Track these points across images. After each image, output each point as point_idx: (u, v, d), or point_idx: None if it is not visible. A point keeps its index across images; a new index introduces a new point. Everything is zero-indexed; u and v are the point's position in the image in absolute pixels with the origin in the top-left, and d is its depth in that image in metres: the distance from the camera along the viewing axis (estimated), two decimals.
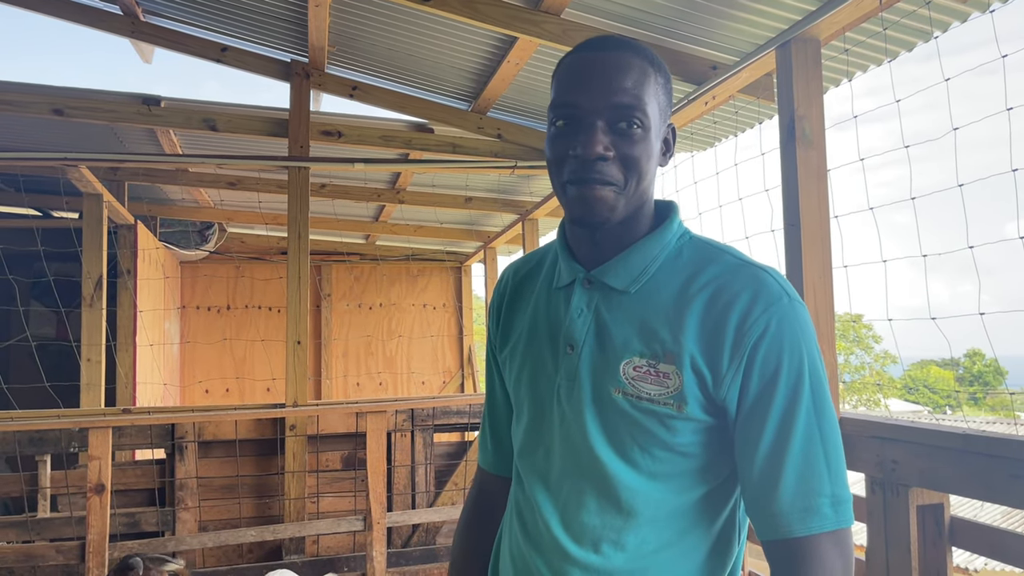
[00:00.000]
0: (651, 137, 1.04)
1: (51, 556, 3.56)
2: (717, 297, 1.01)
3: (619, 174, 1.02)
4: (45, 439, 3.72)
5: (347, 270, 8.10)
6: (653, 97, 1.04)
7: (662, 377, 1.01)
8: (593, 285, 1.09)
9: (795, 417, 0.98)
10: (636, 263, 1.07)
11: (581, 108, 1.02)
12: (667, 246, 1.08)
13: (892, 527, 2.29)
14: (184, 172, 5.51)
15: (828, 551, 0.97)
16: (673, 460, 1.03)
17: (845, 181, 2.77)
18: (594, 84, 1.01)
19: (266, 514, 3.98)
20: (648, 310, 1.04)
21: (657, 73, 1.06)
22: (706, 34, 3.09)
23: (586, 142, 1.01)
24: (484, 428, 1.32)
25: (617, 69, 1.02)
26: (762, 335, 0.98)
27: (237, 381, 7.44)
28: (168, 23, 4.25)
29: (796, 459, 0.98)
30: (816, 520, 0.97)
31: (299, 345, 4.03)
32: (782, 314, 0.99)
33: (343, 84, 4.38)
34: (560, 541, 1.06)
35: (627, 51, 1.04)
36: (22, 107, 4.09)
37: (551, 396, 1.09)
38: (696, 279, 1.04)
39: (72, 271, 5.09)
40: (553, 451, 1.09)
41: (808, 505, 0.98)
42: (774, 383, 0.99)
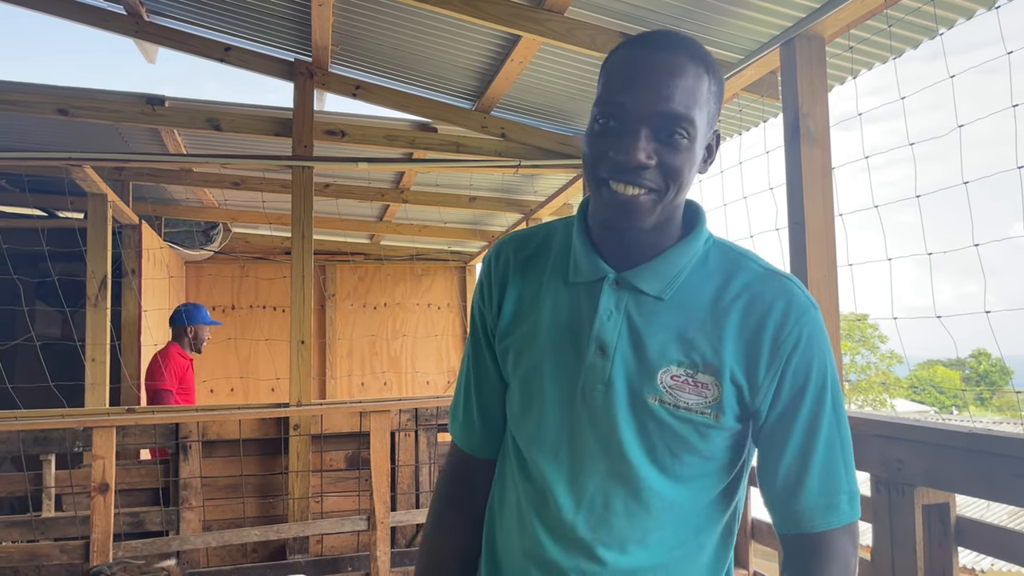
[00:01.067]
0: (696, 147, 1.02)
1: (55, 555, 3.56)
2: (752, 308, 1.04)
3: (660, 180, 1.00)
4: (50, 439, 3.73)
5: (351, 270, 8.10)
6: (704, 105, 1.01)
7: (700, 387, 1.03)
8: (622, 287, 1.07)
9: (820, 422, 1.04)
10: (668, 269, 1.07)
11: (627, 111, 0.99)
12: (696, 252, 1.09)
13: (897, 527, 2.28)
14: (188, 172, 5.52)
15: (844, 543, 1.05)
16: (700, 464, 1.06)
17: (850, 181, 2.77)
18: (644, 87, 0.98)
19: (270, 514, 3.98)
20: (683, 318, 1.05)
21: (712, 80, 1.03)
22: (710, 32, 3.08)
23: (628, 148, 0.98)
24: (468, 407, 1.24)
25: (669, 74, 0.98)
26: (795, 346, 1.03)
27: (241, 381, 7.45)
28: (172, 23, 4.26)
29: (820, 461, 1.04)
30: (836, 516, 1.05)
31: (303, 345, 4.03)
32: (811, 325, 1.04)
33: (347, 83, 4.37)
34: (586, 540, 1.06)
35: (683, 54, 1.00)
36: (26, 107, 4.10)
37: (574, 395, 1.07)
38: (728, 288, 1.06)
39: (77, 271, 5.09)
40: (579, 451, 1.07)
41: (830, 503, 1.05)
42: (803, 391, 1.04)
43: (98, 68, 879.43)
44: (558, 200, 5.26)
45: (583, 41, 3.20)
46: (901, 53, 2.82)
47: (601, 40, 3.19)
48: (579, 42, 3.21)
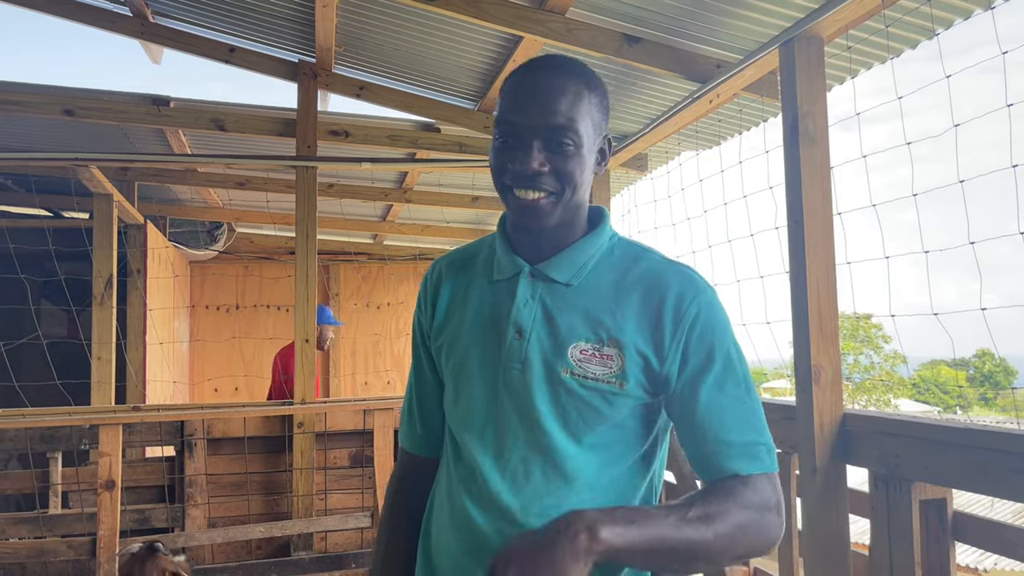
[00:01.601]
0: (583, 152, 1.16)
1: (62, 551, 3.60)
2: (653, 289, 1.17)
3: (556, 183, 1.15)
4: (56, 436, 3.77)
5: (355, 270, 8.14)
6: (587, 115, 1.16)
7: (606, 359, 1.15)
8: (537, 278, 1.21)
9: (727, 383, 1.15)
10: (576, 260, 1.21)
11: (519, 128, 1.14)
12: (602, 246, 1.23)
13: (895, 522, 2.30)
14: (193, 172, 5.56)
15: (765, 485, 1.13)
16: (610, 432, 1.17)
17: (852, 183, 2.79)
18: (531, 106, 1.13)
19: (274, 511, 4.02)
20: (590, 301, 1.18)
21: (591, 93, 1.17)
22: (710, 32, 3.10)
23: (524, 159, 1.13)
24: (411, 413, 1.39)
25: (553, 92, 1.13)
26: (696, 317, 1.15)
27: (246, 379, 7.48)
28: (177, 24, 4.29)
29: (734, 417, 1.14)
30: (758, 463, 1.13)
31: (307, 343, 4.06)
32: (708, 301, 1.17)
33: (350, 84, 4.40)
34: (510, 508, 1.15)
35: (563, 74, 1.15)
36: (33, 107, 4.14)
37: (498, 377, 1.19)
38: (629, 274, 1.20)
39: (83, 271, 5.13)
40: (503, 427, 1.18)
41: (749, 453, 1.13)
42: (710, 357, 1.15)
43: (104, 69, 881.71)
44: None
45: (584, 42, 3.23)
46: (899, 53, 2.84)
47: (602, 40, 3.22)
48: (580, 43, 3.23)
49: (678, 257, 3.67)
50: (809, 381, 2.48)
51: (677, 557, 1.05)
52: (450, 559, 1.21)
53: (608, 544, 0.99)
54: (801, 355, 2.52)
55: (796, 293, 2.56)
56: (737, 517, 1.08)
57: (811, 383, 2.48)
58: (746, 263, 3.16)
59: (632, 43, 3.24)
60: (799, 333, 2.53)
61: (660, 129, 3.60)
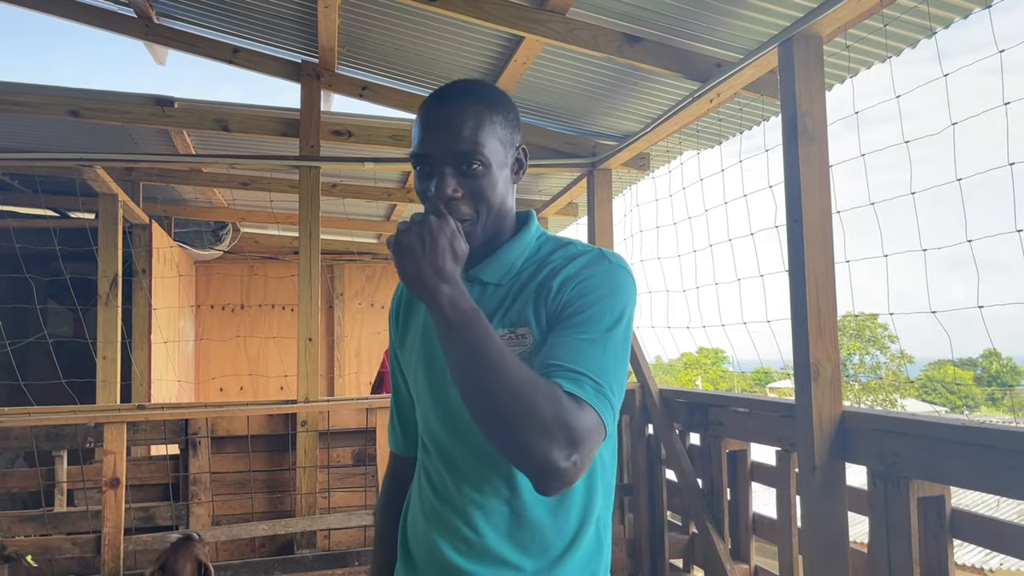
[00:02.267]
0: (493, 170, 1.26)
1: (67, 549, 3.63)
2: (552, 272, 1.27)
3: (470, 209, 1.25)
4: (62, 435, 3.79)
5: (359, 269, 8.16)
6: (491, 136, 1.26)
7: (520, 339, 1.24)
8: (472, 283, 1.32)
9: (579, 331, 1.17)
10: (504, 261, 1.32)
11: (431, 158, 1.25)
12: (528, 245, 1.34)
13: (893, 519, 2.31)
14: (198, 172, 5.59)
15: (579, 411, 1.08)
16: None
17: (854, 186, 2.78)
18: (438, 136, 1.24)
19: (278, 509, 4.04)
20: (509, 293, 1.30)
21: (494, 112, 1.27)
22: (710, 31, 3.12)
23: (438, 185, 1.23)
24: (392, 416, 1.56)
25: (455, 120, 1.24)
26: (580, 281, 1.23)
27: (251, 379, 7.52)
28: (181, 25, 4.32)
29: (580, 345, 1.16)
30: (579, 390, 1.10)
31: (310, 342, 4.08)
32: (600, 269, 1.24)
33: (353, 84, 4.43)
34: (461, 491, 1.28)
35: (462, 102, 1.25)
36: (38, 108, 4.16)
37: (444, 377, 1.27)
38: (546, 264, 1.30)
39: (88, 270, 5.16)
40: (448, 424, 1.30)
41: (575, 376, 1.12)
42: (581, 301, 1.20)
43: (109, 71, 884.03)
44: (563, 199, 5.29)
45: (585, 41, 3.24)
46: (899, 52, 2.85)
47: (603, 40, 3.23)
48: (581, 43, 3.24)
49: (679, 256, 3.69)
50: (808, 379, 2.49)
51: (472, 354, 1.08)
52: (425, 546, 1.34)
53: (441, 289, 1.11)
54: (800, 352, 2.53)
55: (795, 290, 2.57)
56: (542, 388, 1.07)
57: (810, 380, 2.49)
58: (747, 262, 3.18)
59: (633, 43, 3.25)
60: (798, 330, 2.55)
61: (661, 128, 3.61)
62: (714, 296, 3.38)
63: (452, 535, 1.28)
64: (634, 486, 4.11)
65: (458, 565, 1.26)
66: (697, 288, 3.50)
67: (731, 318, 3.22)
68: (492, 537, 1.25)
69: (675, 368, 43.41)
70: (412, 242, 1.12)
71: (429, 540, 1.31)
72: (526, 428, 1.05)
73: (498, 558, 1.25)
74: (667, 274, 3.76)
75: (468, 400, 1.11)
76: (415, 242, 1.12)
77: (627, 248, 4.19)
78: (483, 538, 1.26)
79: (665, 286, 3.74)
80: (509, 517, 1.26)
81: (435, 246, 1.12)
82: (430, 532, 1.31)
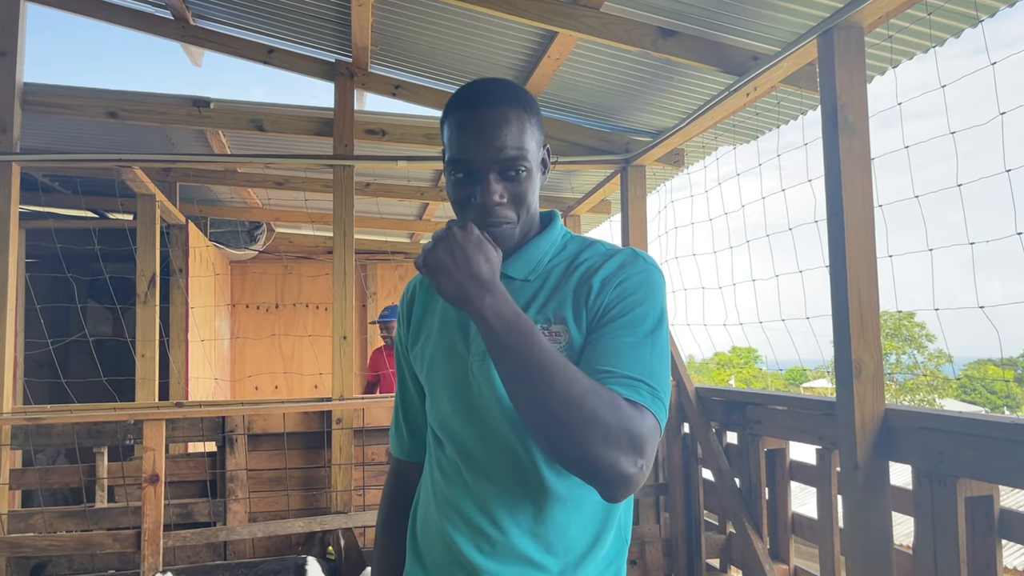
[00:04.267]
0: (534, 172, 1.27)
1: (108, 544, 3.68)
2: (589, 270, 1.26)
3: (512, 213, 1.25)
4: (102, 432, 3.85)
5: (391, 269, 8.20)
6: (531, 139, 1.25)
7: (555, 336, 1.23)
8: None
9: (635, 327, 1.19)
10: (531, 257, 1.32)
11: (474, 164, 1.22)
12: (554, 242, 1.34)
13: (939, 519, 2.26)
14: (233, 172, 5.64)
15: (638, 415, 1.10)
16: None
17: (896, 182, 2.73)
18: (482, 141, 1.21)
19: (314, 506, 4.06)
20: (542, 290, 1.29)
21: (531, 115, 1.26)
22: (746, 24, 3.07)
23: (484, 192, 1.22)
24: (397, 419, 1.52)
25: (497, 126, 1.22)
26: (621, 282, 1.22)
27: (285, 377, 7.58)
28: (216, 26, 4.36)
29: (630, 350, 1.16)
30: (636, 395, 1.12)
31: (345, 340, 4.10)
32: (638, 270, 1.24)
33: (386, 83, 4.44)
34: (484, 488, 1.25)
35: (503, 104, 1.23)
36: (78, 111, 4.23)
37: (466, 371, 1.28)
38: (575, 263, 1.30)
39: (127, 270, 5.24)
40: (473, 417, 1.27)
41: (631, 382, 1.13)
42: (623, 304, 1.20)
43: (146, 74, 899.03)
44: (596, 196, 5.26)
45: (619, 36, 3.22)
46: (942, 42, 2.78)
47: (637, 35, 3.20)
48: (615, 37, 3.22)
49: (715, 253, 3.65)
50: (850, 376, 2.45)
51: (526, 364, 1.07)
52: (441, 546, 1.29)
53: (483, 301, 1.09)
54: (841, 349, 2.49)
55: (836, 286, 2.52)
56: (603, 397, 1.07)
57: (851, 378, 2.44)
58: (785, 258, 3.13)
59: (667, 37, 3.22)
60: (839, 327, 2.50)
61: (696, 124, 3.57)
62: (751, 293, 3.33)
63: (474, 533, 1.24)
64: (670, 485, 4.07)
65: (480, 565, 1.23)
66: (734, 285, 3.46)
67: (767, 315, 3.18)
68: (516, 535, 1.23)
69: (708, 368, 43.07)
70: (442, 258, 1.10)
71: (446, 539, 1.28)
72: (592, 438, 1.05)
73: (523, 557, 1.22)
74: (702, 271, 3.72)
75: (525, 412, 1.09)
76: (445, 257, 1.10)
77: (661, 245, 4.15)
78: (507, 536, 1.22)
79: (700, 283, 3.70)
80: (533, 515, 1.23)
81: (466, 257, 1.10)
82: (448, 531, 1.28)
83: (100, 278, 5.06)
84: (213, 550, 3.93)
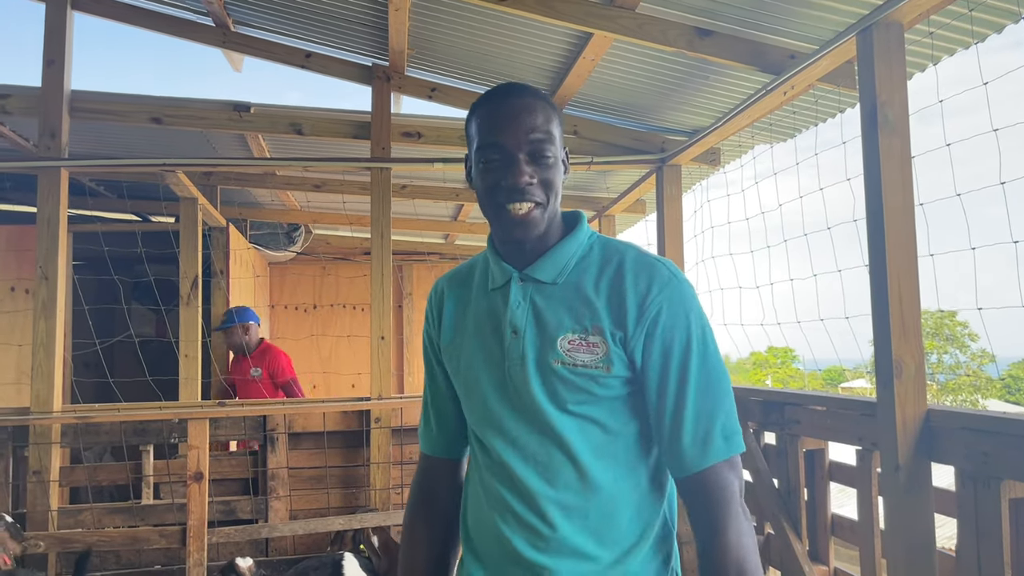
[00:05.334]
0: (559, 163, 1.32)
1: (155, 540, 3.77)
2: (621, 281, 1.29)
3: (542, 194, 1.29)
4: (148, 430, 3.94)
5: (427, 269, 8.26)
6: (557, 130, 1.31)
7: (592, 347, 1.27)
8: (526, 281, 1.35)
9: (689, 375, 1.25)
10: (558, 260, 1.34)
11: (505, 147, 1.28)
12: (580, 245, 1.36)
13: (983, 521, 2.23)
14: (272, 175, 5.73)
15: (726, 476, 1.24)
16: (606, 411, 1.29)
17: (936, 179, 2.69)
18: (512, 126, 1.27)
19: (353, 504, 4.12)
20: (573, 296, 1.31)
21: (554, 111, 1.33)
22: (783, 23, 3.06)
23: (515, 173, 1.27)
24: (427, 416, 1.54)
25: (528, 112, 1.28)
26: (660, 311, 1.26)
27: (323, 376, 7.68)
28: (256, 32, 4.44)
29: (692, 407, 1.24)
30: (712, 453, 1.23)
31: (383, 340, 4.15)
32: (671, 293, 1.27)
33: (422, 86, 4.48)
34: (533, 486, 1.28)
35: (529, 97, 1.30)
36: (123, 116, 4.33)
37: (504, 375, 1.32)
38: (606, 269, 1.32)
39: (170, 272, 5.35)
40: (515, 420, 1.32)
41: (705, 441, 1.23)
42: (670, 351, 1.25)
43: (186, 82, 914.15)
44: (631, 196, 5.26)
45: (655, 36, 3.22)
46: (984, 38, 2.74)
47: (672, 35, 3.20)
48: (651, 37, 3.22)
49: (751, 252, 3.63)
50: (890, 375, 2.43)
51: None
52: (494, 541, 1.33)
53: None
54: (882, 349, 2.46)
55: (876, 285, 2.50)
56: (741, 558, 1.21)
57: (892, 378, 2.42)
58: (823, 257, 3.11)
59: (703, 36, 3.21)
60: (879, 326, 2.48)
61: (733, 123, 3.56)
62: (788, 293, 3.31)
63: (526, 530, 1.28)
64: None
65: (535, 560, 1.26)
66: (771, 284, 3.44)
67: (805, 315, 3.15)
68: (567, 530, 1.26)
69: (744, 367, 42.63)
70: None
71: (500, 537, 1.31)
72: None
73: (575, 550, 1.26)
74: (739, 270, 3.70)
75: None
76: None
77: (697, 244, 4.14)
78: (558, 531, 1.26)
79: (737, 282, 3.69)
80: (582, 509, 1.27)
81: None
82: (501, 529, 1.31)
83: (144, 280, 5.17)
84: (255, 546, 4.01)
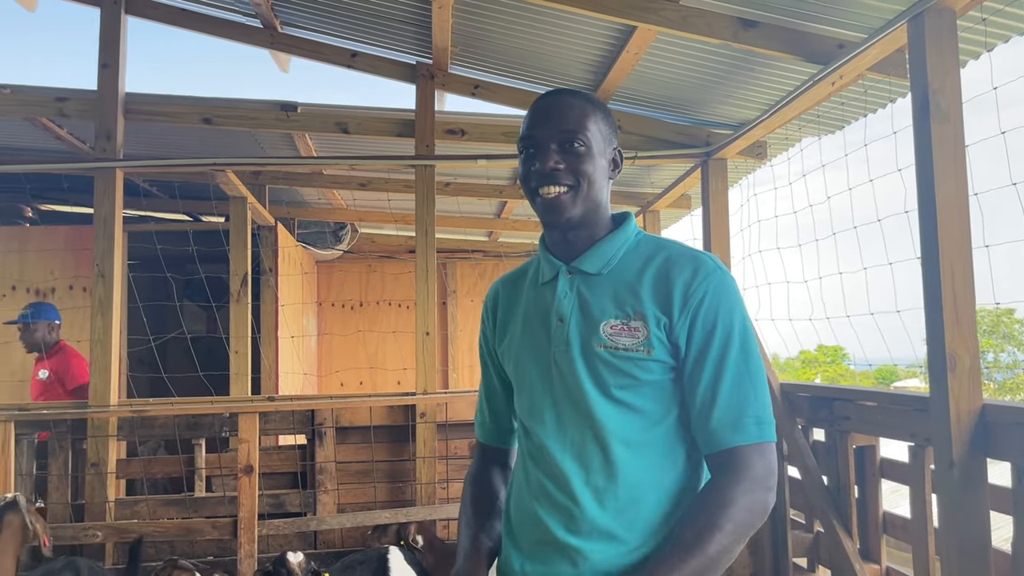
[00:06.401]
0: (594, 153, 1.41)
1: (207, 531, 3.85)
2: (667, 271, 1.37)
3: (571, 178, 1.39)
4: (200, 424, 4.03)
5: (471, 267, 8.30)
6: (593, 125, 1.41)
7: (633, 331, 1.35)
8: (573, 273, 1.44)
9: (727, 360, 1.32)
10: (605, 252, 1.43)
11: (538, 138, 1.41)
12: (627, 240, 1.45)
13: None
14: (319, 174, 5.81)
15: (753, 458, 1.29)
16: (646, 396, 1.36)
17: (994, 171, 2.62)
18: (547, 120, 1.41)
19: (399, 498, 4.16)
20: (617, 285, 1.40)
21: (596, 109, 1.43)
22: (830, 11, 3.01)
23: (543, 158, 1.39)
24: (482, 409, 1.68)
25: (562, 108, 1.41)
26: (703, 298, 1.33)
27: (369, 372, 7.77)
28: (303, 33, 4.51)
29: (728, 390, 1.31)
30: (742, 434, 1.30)
31: (428, 336, 4.18)
32: (715, 282, 1.35)
33: (466, 83, 4.50)
34: (567, 469, 1.36)
35: (570, 96, 1.43)
36: (175, 118, 4.44)
37: (549, 362, 1.42)
38: (652, 261, 1.40)
39: (220, 270, 5.46)
40: (557, 405, 1.40)
41: (736, 423, 1.30)
42: (712, 335, 1.32)
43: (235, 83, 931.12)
44: (675, 191, 5.21)
45: (699, 28, 3.19)
46: None
47: (717, 26, 3.17)
48: (695, 30, 3.19)
49: (799, 246, 3.58)
50: (944, 370, 2.37)
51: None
52: (531, 523, 1.42)
53: None
54: (935, 343, 2.41)
55: (928, 277, 2.45)
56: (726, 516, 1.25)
57: (946, 372, 2.37)
58: (873, 250, 3.05)
59: (749, 27, 3.18)
60: (932, 318, 2.43)
61: (779, 115, 3.51)
62: (838, 288, 3.26)
63: (560, 512, 1.37)
64: None
65: (567, 541, 1.35)
66: (820, 279, 3.39)
67: (856, 310, 3.10)
68: (597, 513, 1.34)
69: (793, 366, 41.98)
70: None
71: (536, 520, 1.40)
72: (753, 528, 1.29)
73: (604, 532, 1.33)
74: (787, 265, 3.65)
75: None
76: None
77: (744, 239, 4.09)
78: (587, 513, 1.34)
79: (785, 277, 3.63)
80: (612, 493, 1.34)
81: None
82: (537, 512, 1.40)
83: (195, 278, 5.29)
84: (304, 539, 4.07)
